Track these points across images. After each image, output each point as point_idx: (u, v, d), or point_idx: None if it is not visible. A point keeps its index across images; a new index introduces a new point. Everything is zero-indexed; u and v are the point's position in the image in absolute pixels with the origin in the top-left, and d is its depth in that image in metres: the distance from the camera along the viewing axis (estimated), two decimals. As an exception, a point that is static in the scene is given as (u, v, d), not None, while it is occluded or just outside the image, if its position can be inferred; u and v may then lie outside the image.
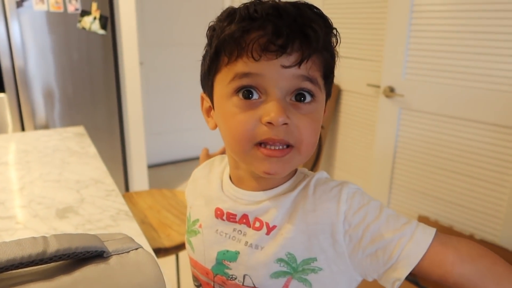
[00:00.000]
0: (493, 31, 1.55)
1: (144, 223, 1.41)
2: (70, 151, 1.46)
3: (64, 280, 0.40)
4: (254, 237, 0.56)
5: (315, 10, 0.51)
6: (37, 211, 1.00)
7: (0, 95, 2.21)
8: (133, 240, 0.49)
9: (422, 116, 1.85)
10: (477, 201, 1.71)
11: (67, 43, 2.32)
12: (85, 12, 2.30)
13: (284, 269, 0.54)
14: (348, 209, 0.51)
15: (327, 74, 0.53)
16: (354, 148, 2.37)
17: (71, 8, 2.26)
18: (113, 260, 0.44)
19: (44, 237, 0.41)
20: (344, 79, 2.36)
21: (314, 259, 0.53)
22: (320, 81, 0.52)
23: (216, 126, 0.59)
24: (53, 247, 0.40)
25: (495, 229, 1.66)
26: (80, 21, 2.31)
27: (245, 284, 0.57)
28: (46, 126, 2.37)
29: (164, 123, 3.51)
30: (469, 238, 1.65)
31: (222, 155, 0.69)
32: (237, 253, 0.57)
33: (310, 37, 0.47)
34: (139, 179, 2.72)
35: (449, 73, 1.72)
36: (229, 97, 0.52)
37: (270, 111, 0.48)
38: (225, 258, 0.58)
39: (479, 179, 1.69)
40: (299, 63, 0.48)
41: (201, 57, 0.58)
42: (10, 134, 1.73)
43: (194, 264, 0.65)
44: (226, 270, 0.59)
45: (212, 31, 0.53)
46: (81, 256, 0.42)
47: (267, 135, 0.49)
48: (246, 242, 0.57)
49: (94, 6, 2.32)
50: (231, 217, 0.59)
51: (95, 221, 0.96)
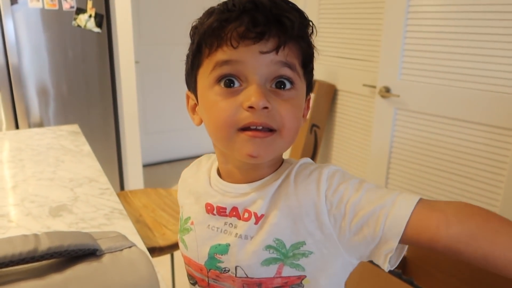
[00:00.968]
0: (488, 32, 1.56)
1: (139, 222, 1.40)
2: (64, 150, 1.45)
3: (56, 278, 0.39)
4: (244, 228, 0.57)
5: (290, 4, 0.53)
6: (30, 210, 0.99)
7: (-6, 93, 2.20)
8: (127, 238, 0.48)
9: (418, 117, 1.86)
10: (472, 201, 1.71)
11: (62, 41, 2.31)
12: (81, 10, 2.29)
13: (274, 255, 0.54)
14: (328, 189, 0.52)
15: (306, 63, 0.55)
16: (350, 148, 2.38)
17: (66, 6, 2.25)
18: (106, 258, 0.43)
19: (36, 235, 0.41)
20: (340, 79, 2.37)
21: (303, 243, 0.54)
22: (299, 69, 0.54)
23: (202, 122, 0.60)
24: (45, 245, 0.39)
25: (490, 229, 1.66)
26: (76, 19, 2.29)
27: (238, 276, 0.57)
28: (40, 124, 2.36)
29: (160, 122, 3.49)
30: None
31: (209, 154, 0.70)
32: (228, 246, 0.58)
33: (286, 25, 0.50)
34: (134, 178, 2.71)
35: (445, 74, 1.72)
36: (211, 87, 0.53)
37: (251, 96, 0.49)
38: (217, 252, 0.59)
39: (474, 180, 1.69)
40: (277, 49, 0.50)
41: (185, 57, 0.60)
42: (4, 132, 1.72)
43: (188, 262, 0.65)
44: (218, 264, 0.59)
45: (194, 29, 0.56)
46: (73, 254, 0.41)
47: (249, 119, 0.50)
48: (236, 234, 0.57)
49: (90, 4, 2.30)
50: (221, 211, 0.59)
51: (89, 220, 0.95)
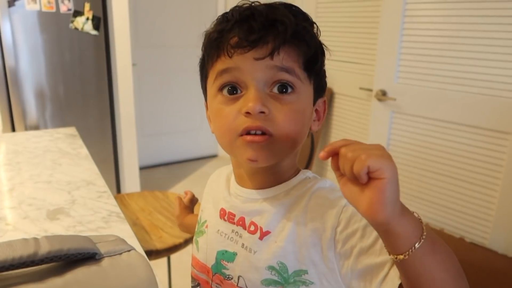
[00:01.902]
0: (484, 37, 1.58)
1: (136, 225, 1.40)
2: (62, 152, 1.45)
3: (56, 282, 0.39)
4: (249, 240, 0.57)
5: (293, 8, 0.54)
6: (28, 213, 0.99)
7: (-10, 95, 2.19)
8: (126, 242, 0.48)
9: (414, 120, 1.87)
10: (468, 204, 1.72)
11: (59, 43, 2.30)
12: (78, 13, 2.29)
13: (275, 278, 0.54)
14: (338, 226, 0.51)
15: (308, 66, 0.54)
16: (346, 151, 2.38)
17: (64, 8, 2.25)
18: (105, 262, 0.43)
19: (35, 239, 0.41)
20: (337, 83, 2.38)
21: (305, 272, 0.53)
22: (300, 72, 0.53)
23: None
24: (45, 249, 0.40)
25: (485, 232, 1.67)
26: (73, 21, 2.29)
27: (239, 285, 0.58)
28: (37, 127, 2.35)
29: (156, 125, 3.49)
30: (460, 241, 1.67)
31: None
32: (235, 254, 0.59)
33: (279, 30, 0.50)
34: (131, 181, 2.70)
35: (441, 78, 1.74)
36: (215, 96, 0.55)
37: (248, 101, 0.51)
38: (224, 258, 0.60)
39: (470, 183, 1.71)
40: (271, 54, 0.51)
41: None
42: (0, 135, 1.71)
43: (195, 264, 0.67)
44: (224, 270, 0.60)
45: (203, 40, 0.58)
46: (73, 258, 0.42)
47: (246, 124, 0.51)
48: (243, 244, 0.58)
49: (87, 7, 2.30)
50: (231, 218, 0.61)
51: (87, 223, 0.95)
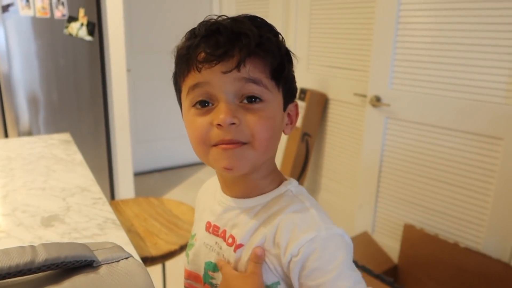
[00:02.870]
0: (476, 43, 1.60)
1: (131, 232, 1.39)
2: (56, 159, 1.44)
3: (53, 290, 0.39)
4: (227, 252, 0.60)
5: (258, 20, 0.56)
6: (21, 220, 0.98)
7: (-17, 101, 2.17)
8: (123, 249, 0.48)
9: (408, 126, 1.88)
10: (462, 210, 1.73)
11: (53, 49, 2.30)
12: (72, 18, 2.29)
13: None
14: (296, 257, 0.53)
15: (276, 75, 0.56)
16: (341, 157, 2.39)
17: (58, 14, 2.25)
18: (103, 270, 0.43)
19: (32, 246, 0.40)
20: (331, 89, 2.39)
21: (278, 283, 0.56)
22: (267, 82, 0.55)
23: None
24: (42, 257, 0.39)
25: (479, 237, 1.68)
26: (67, 27, 2.29)
27: None
28: (30, 133, 2.33)
29: (151, 131, 3.48)
30: (454, 246, 1.68)
31: None
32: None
33: (243, 42, 0.52)
34: (125, 187, 2.69)
35: (434, 84, 1.75)
36: (189, 109, 0.57)
37: (219, 114, 0.52)
38: (209, 269, 0.63)
39: (464, 188, 1.72)
40: (237, 67, 0.52)
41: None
42: (-7, 141, 1.70)
43: (188, 275, 0.69)
44: (211, 280, 0.63)
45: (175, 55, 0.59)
46: (70, 266, 0.41)
47: (219, 137, 0.53)
48: (223, 256, 0.61)
49: (82, 12, 2.30)
50: (215, 230, 0.63)
51: (82, 230, 0.95)
